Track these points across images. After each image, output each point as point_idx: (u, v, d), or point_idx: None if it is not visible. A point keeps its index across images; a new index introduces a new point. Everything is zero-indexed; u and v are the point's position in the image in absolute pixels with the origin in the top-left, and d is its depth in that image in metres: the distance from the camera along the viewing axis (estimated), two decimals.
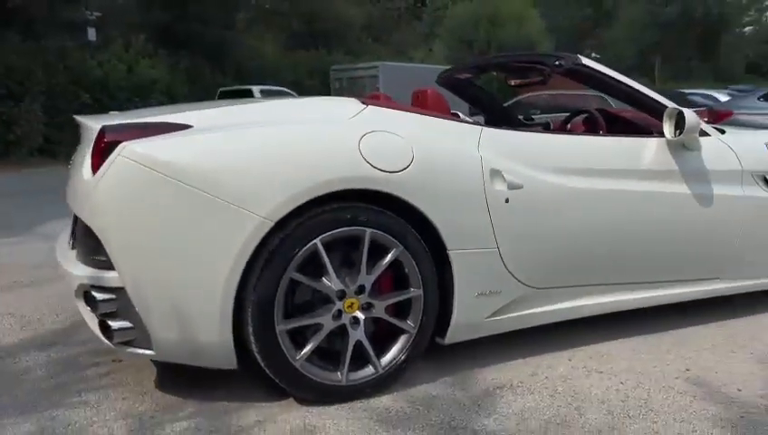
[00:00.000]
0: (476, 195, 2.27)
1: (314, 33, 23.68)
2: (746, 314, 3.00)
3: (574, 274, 2.50)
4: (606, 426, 2.00)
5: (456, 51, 27.59)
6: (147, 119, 2.14)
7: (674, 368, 2.42)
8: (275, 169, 2.02)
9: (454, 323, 2.30)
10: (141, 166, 1.95)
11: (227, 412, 2.10)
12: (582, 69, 2.72)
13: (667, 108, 2.64)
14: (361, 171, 2.08)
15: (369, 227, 2.12)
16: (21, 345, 2.72)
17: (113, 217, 1.97)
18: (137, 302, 1.98)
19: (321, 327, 2.12)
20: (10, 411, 2.12)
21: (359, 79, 19.89)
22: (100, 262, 2.04)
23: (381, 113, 2.30)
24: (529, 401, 2.17)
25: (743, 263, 2.85)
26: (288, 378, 2.09)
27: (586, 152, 2.54)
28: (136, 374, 2.40)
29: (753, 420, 2.02)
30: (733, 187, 2.75)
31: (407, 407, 2.14)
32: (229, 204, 1.96)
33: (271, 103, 2.42)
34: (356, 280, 2.14)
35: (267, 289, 2.01)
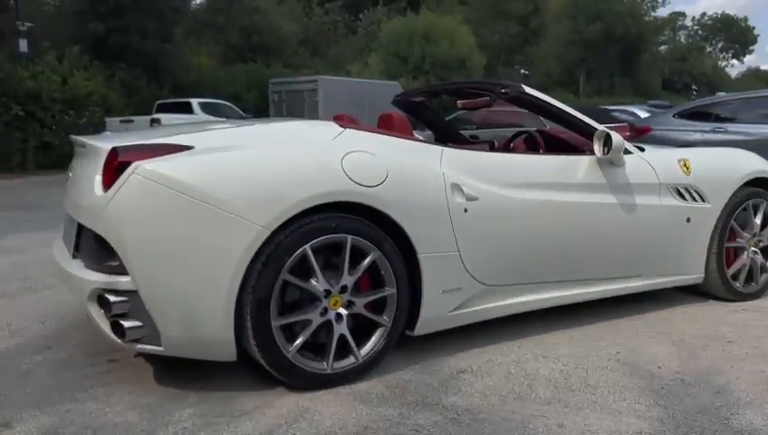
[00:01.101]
0: (440, 206, 2.63)
1: (252, 46, 23.77)
2: (662, 307, 3.48)
3: (522, 273, 2.90)
4: (553, 398, 2.38)
5: (392, 65, 28.23)
6: (152, 140, 2.41)
7: (606, 352, 2.85)
8: (271, 184, 2.32)
9: (422, 317, 2.66)
10: (153, 182, 2.22)
11: (227, 400, 2.37)
12: (524, 96, 3.14)
13: (597, 130, 3.09)
14: (345, 186, 2.41)
15: (351, 234, 2.45)
16: (16, 350, 2.90)
17: (128, 228, 2.23)
18: (149, 303, 2.23)
19: (310, 323, 2.43)
20: (26, 406, 2.33)
21: (298, 93, 20.09)
22: (113, 268, 2.29)
23: (358, 135, 2.64)
24: (488, 382, 2.54)
25: (660, 262, 3.33)
26: (282, 368, 2.39)
27: (531, 168, 2.95)
28: (134, 372, 2.64)
29: (672, 390, 2.45)
30: (652, 197, 3.22)
31: (384, 390, 2.47)
32: (232, 215, 2.25)
33: (260, 127, 2.72)
34: (339, 281, 2.46)
35: (264, 290, 2.31)
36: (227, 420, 2.23)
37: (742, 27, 58.81)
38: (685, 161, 3.37)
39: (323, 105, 19.75)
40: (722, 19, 59.34)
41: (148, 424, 2.20)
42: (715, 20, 59.37)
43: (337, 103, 20.23)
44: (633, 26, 38.86)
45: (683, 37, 57.64)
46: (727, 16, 59.49)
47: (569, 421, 2.20)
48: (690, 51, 51.97)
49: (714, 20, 59.36)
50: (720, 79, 52.78)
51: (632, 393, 2.42)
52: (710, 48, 58.19)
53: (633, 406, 2.32)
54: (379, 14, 39.92)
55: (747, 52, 60.61)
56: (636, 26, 39.14)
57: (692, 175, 3.35)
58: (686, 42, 56.30)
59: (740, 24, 58.88)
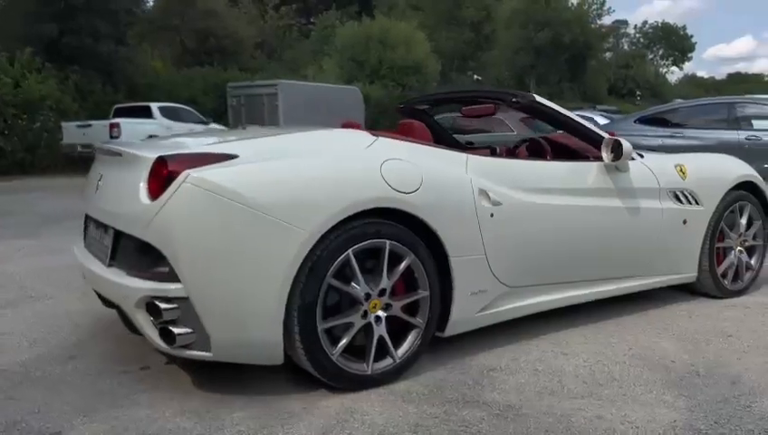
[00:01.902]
0: (469, 211, 2.74)
1: (208, 49, 23.49)
2: (659, 305, 3.67)
3: (541, 274, 3.04)
4: (585, 392, 2.52)
5: (349, 69, 28.32)
6: (197, 149, 2.44)
7: (619, 348, 3.00)
8: (318, 191, 2.39)
9: (452, 318, 2.76)
10: (204, 191, 2.26)
11: (273, 403, 2.42)
12: (536, 105, 3.29)
13: (605, 138, 3.25)
14: (385, 193, 2.50)
15: (389, 239, 2.53)
16: (40, 360, 2.87)
17: (180, 236, 2.26)
18: (201, 309, 2.27)
19: (352, 325, 2.50)
20: (71, 414, 2.33)
21: (257, 97, 19.93)
22: (162, 275, 2.31)
23: (390, 144, 2.73)
24: (519, 379, 2.65)
25: (660, 262, 3.52)
26: (326, 370, 2.45)
27: (548, 174, 3.09)
28: (170, 379, 2.66)
29: (690, 382, 2.61)
30: (654, 201, 3.41)
31: (423, 389, 2.56)
32: (281, 221, 2.30)
33: (296, 136, 2.77)
34: (378, 284, 2.54)
35: (311, 294, 2.37)
36: (280, 421, 2.28)
37: (680, 35, 61.09)
38: (681, 166, 3.58)
39: (284, 110, 19.68)
40: (662, 28, 61.51)
41: (202, 429, 2.23)
42: (655, 28, 61.50)
43: (297, 108, 20.21)
44: (580, 34, 39.90)
45: (626, 45, 59.49)
46: (667, 25, 61.73)
47: (606, 413, 2.33)
48: (633, 58, 53.66)
49: (654, 28, 61.48)
50: (661, 85, 54.65)
51: (656, 386, 2.57)
52: (651, 55, 60.23)
53: (661, 398, 2.47)
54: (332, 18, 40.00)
55: (686, 59, 63.01)
56: (583, 34, 40.19)
57: (688, 179, 3.56)
58: (629, 49, 58.13)
59: (679, 32, 61.16)
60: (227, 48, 23.94)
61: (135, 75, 18.69)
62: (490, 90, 4.07)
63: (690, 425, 2.24)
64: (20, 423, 2.26)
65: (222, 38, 23.71)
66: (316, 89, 21.79)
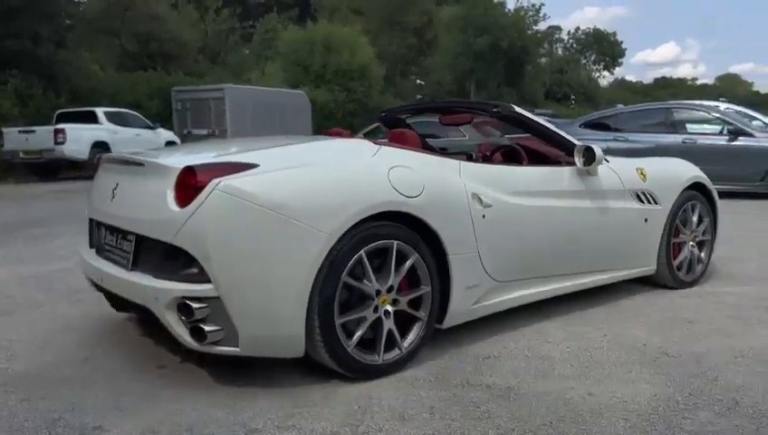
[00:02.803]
0: (465, 213, 3.00)
1: (150, 53, 23.13)
2: (623, 297, 4.03)
3: (525, 270, 3.33)
4: (574, 374, 2.81)
5: (293, 74, 28.34)
6: (220, 159, 2.61)
7: (595, 335, 3.32)
8: (335, 196, 2.60)
9: (450, 311, 3.01)
10: (233, 197, 2.44)
11: (293, 394, 2.61)
12: (513, 114, 3.58)
13: (577, 145, 3.58)
14: (394, 197, 2.73)
15: (396, 240, 2.76)
16: (55, 362, 2.96)
17: (211, 240, 2.42)
18: (230, 308, 2.44)
19: (365, 319, 2.72)
20: (105, 410, 2.45)
21: (203, 101, 19.78)
22: (192, 276, 2.48)
23: (392, 151, 2.96)
24: (513, 364, 2.93)
25: (626, 257, 3.88)
26: (343, 361, 2.66)
27: (529, 179, 3.39)
28: (188, 376, 2.80)
29: (662, 362, 2.94)
30: (620, 202, 3.76)
31: (428, 376, 2.80)
32: (304, 225, 2.50)
33: (307, 145, 2.97)
34: (387, 281, 2.77)
35: (329, 291, 2.58)
36: (305, 409, 2.47)
37: (611, 41, 63.58)
38: (641, 170, 3.95)
39: (231, 114, 19.62)
40: (594, 34, 63.87)
41: (234, 418, 2.40)
42: (587, 34, 63.82)
43: (244, 112, 20.18)
44: (518, 39, 41.07)
45: (560, 50, 61.49)
46: (598, 31, 64.16)
47: (596, 391, 2.62)
48: (567, 63, 55.56)
49: (587, 34, 63.80)
50: (594, 89, 56.70)
51: (634, 366, 2.89)
52: (584, 60, 62.45)
53: (640, 376, 2.78)
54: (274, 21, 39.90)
55: (617, 64, 65.60)
56: (520, 39, 41.38)
57: (647, 181, 3.93)
58: (563, 54, 60.11)
59: (610, 38, 63.66)
60: (170, 52, 23.65)
61: (77, 79, 18.26)
62: (471, 101, 4.36)
63: (669, 397, 2.55)
64: (59, 421, 2.38)
65: (165, 42, 23.40)
66: (263, 93, 21.78)
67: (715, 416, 2.39)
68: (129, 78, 20.95)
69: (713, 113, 10.08)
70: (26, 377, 2.80)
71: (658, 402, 2.51)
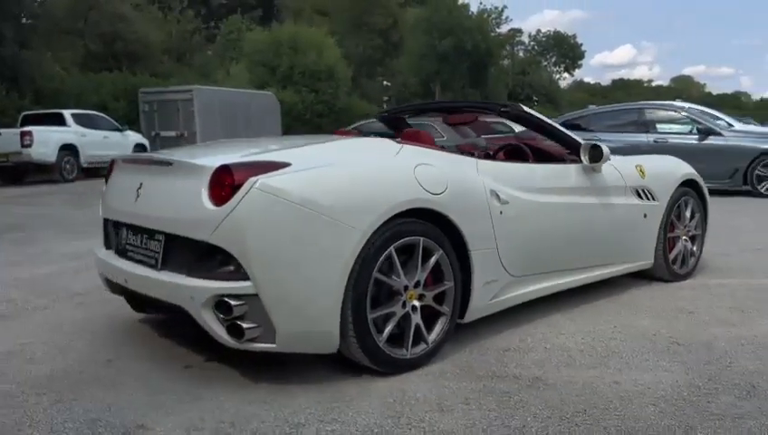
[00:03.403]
0: (484, 209, 3.08)
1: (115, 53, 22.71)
2: (623, 290, 4.16)
3: (538, 265, 3.42)
4: (594, 363, 2.91)
5: (260, 75, 28.18)
6: (253, 158, 2.63)
7: (606, 327, 3.43)
8: (367, 194, 2.65)
9: (471, 306, 3.08)
10: (271, 196, 2.47)
11: (328, 389, 2.64)
12: (522, 114, 3.68)
13: (583, 144, 3.69)
14: (421, 195, 2.79)
15: (422, 236, 2.82)
16: (81, 364, 2.94)
17: (250, 238, 2.44)
18: (269, 305, 2.46)
19: (394, 314, 2.77)
20: (145, 409, 2.45)
21: (171, 102, 19.52)
22: (230, 274, 2.50)
23: (414, 150, 3.02)
24: (534, 356, 3.01)
25: (627, 251, 4.01)
26: (375, 356, 2.70)
27: (541, 175, 3.48)
28: (218, 374, 2.81)
29: (675, 350, 3.06)
30: (622, 198, 3.89)
31: (455, 369, 2.86)
32: (339, 222, 2.54)
33: (331, 145, 3.01)
34: (414, 277, 2.82)
35: (362, 286, 2.62)
36: (343, 403, 2.51)
37: (571, 44, 64.79)
38: (640, 167, 4.09)
39: (200, 116, 19.42)
40: (554, 36, 65.04)
41: (275, 413, 2.43)
42: (548, 37, 64.95)
43: (213, 114, 20.00)
44: (481, 41, 41.55)
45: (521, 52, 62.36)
46: (559, 33, 65.34)
47: (619, 379, 2.73)
48: (529, 65, 56.41)
49: (547, 37, 64.92)
50: (555, 90, 57.72)
51: (649, 355, 3.00)
52: (545, 62, 63.49)
53: (657, 364, 2.89)
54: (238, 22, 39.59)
55: (577, 66, 66.85)
56: (484, 42, 41.87)
57: (646, 178, 4.07)
58: (525, 56, 60.96)
59: (570, 40, 64.85)
60: (135, 52, 23.28)
61: (41, 80, 17.84)
62: (480, 101, 4.44)
63: (690, 383, 2.67)
64: (99, 421, 2.37)
65: (130, 42, 23.01)
66: (232, 94, 21.62)
67: (737, 399, 2.51)
68: (94, 79, 20.56)
69: (683, 113, 10.39)
70: (52, 379, 2.77)
71: (681, 388, 2.62)
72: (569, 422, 2.34)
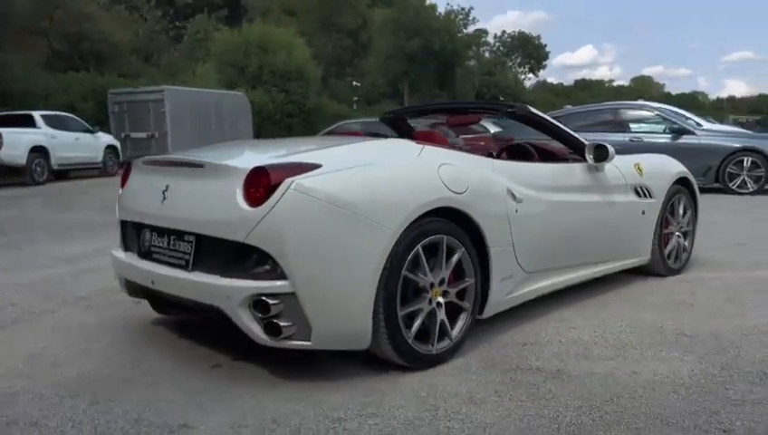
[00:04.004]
0: (501, 207, 3.17)
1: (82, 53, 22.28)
2: (622, 285, 4.30)
3: (549, 261, 3.53)
4: (611, 355, 3.02)
5: (229, 75, 27.96)
6: (286, 159, 2.67)
7: (614, 321, 3.55)
8: (397, 193, 2.72)
9: (489, 301, 3.17)
10: (308, 196, 2.52)
11: (359, 386, 2.69)
12: (529, 114, 3.79)
13: (587, 144, 3.82)
14: (445, 194, 2.87)
15: (446, 235, 2.90)
16: (107, 366, 2.94)
17: (288, 237, 2.49)
18: (305, 303, 2.51)
19: (421, 311, 2.84)
20: (185, 408, 2.48)
21: (141, 103, 19.35)
22: (264, 274, 2.54)
23: (435, 151, 3.10)
24: (552, 348, 3.11)
25: (627, 247, 4.15)
26: (404, 352, 2.77)
27: (550, 174, 3.59)
28: (248, 374, 2.83)
29: (684, 341, 3.19)
30: (623, 195, 4.03)
31: (478, 363, 2.94)
32: (372, 221, 2.61)
33: (356, 146, 3.06)
34: (439, 274, 2.90)
35: (392, 284, 2.69)
36: (378, 398, 2.57)
37: (536, 44, 65.76)
38: (638, 165, 4.23)
39: (171, 116, 19.27)
40: (519, 37, 65.91)
41: (315, 409, 2.47)
42: (513, 37, 65.77)
43: (185, 114, 19.85)
44: (449, 42, 41.90)
45: (487, 53, 63.03)
46: (523, 34, 66.26)
47: (638, 369, 2.84)
48: (495, 65, 57.02)
49: (512, 37, 65.74)
50: (521, 91, 58.45)
51: (661, 346, 3.13)
52: (510, 63, 64.27)
53: (670, 354, 3.02)
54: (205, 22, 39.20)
55: (541, 67, 67.82)
56: (451, 42, 42.23)
57: (644, 176, 4.22)
58: (491, 57, 61.63)
59: (534, 41, 65.79)
60: (102, 52, 22.88)
61: (7, 81, 17.43)
62: (486, 102, 4.55)
63: (705, 372, 2.80)
64: (141, 420, 2.39)
65: (96, 42, 22.60)
66: (203, 94, 21.49)
67: (752, 386, 2.64)
68: (62, 79, 20.15)
69: (655, 113, 10.68)
70: (83, 381, 2.77)
71: (698, 377, 2.74)
72: (599, 410, 2.44)
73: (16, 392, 2.65)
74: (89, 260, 5.47)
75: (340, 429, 2.33)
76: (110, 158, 16.66)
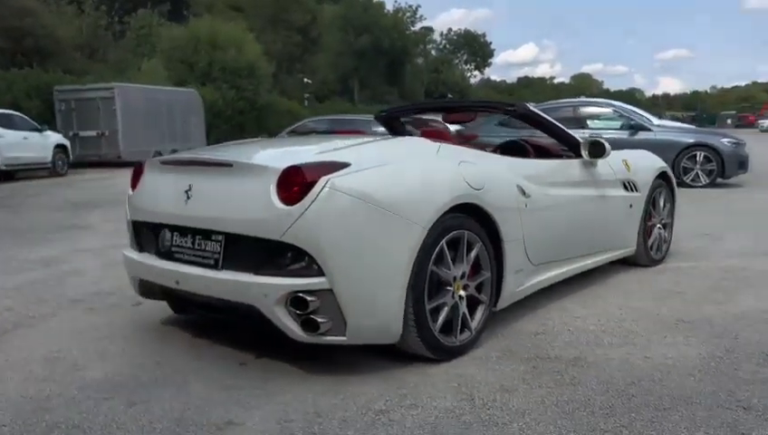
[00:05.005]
0: (513, 203, 3.28)
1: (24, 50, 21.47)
2: (610, 276, 4.49)
3: (553, 253, 3.66)
4: (621, 342, 3.17)
5: (178, 71, 27.42)
6: (317, 158, 2.71)
7: (612, 310, 3.71)
8: (424, 190, 2.79)
9: (503, 294, 3.28)
10: (343, 194, 2.56)
11: (389, 379, 2.74)
12: (529, 113, 3.92)
13: (583, 140, 3.97)
14: (467, 190, 2.96)
15: (467, 230, 2.99)
16: (130, 368, 2.90)
17: (325, 235, 2.53)
18: (342, 299, 2.56)
19: (446, 304, 2.93)
20: (228, 405, 2.49)
21: (90, 101, 18.83)
22: (300, 271, 2.58)
23: (452, 149, 3.19)
24: (564, 337, 3.25)
25: (617, 239, 4.34)
26: (431, 344, 2.85)
27: (553, 170, 3.73)
28: (277, 371, 2.84)
29: (684, 327, 3.38)
30: (614, 189, 4.21)
31: (498, 353, 3.05)
32: (403, 217, 2.67)
33: (379, 144, 3.12)
34: (460, 268, 2.99)
35: (420, 279, 2.76)
36: (412, 390, 2.64)
37: (481, 42, 66.78)
38: (625, 161, 4.42)
39: (122, 114, 18.82)
40: (464, 35, 66.76)
41: (355, 402, 2.52)
42: (459, 35, 66.57)
43: (136, 112, 19.42)
44: (398, 40, 42.20)
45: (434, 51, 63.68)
46: (469, 32, 67.14)
47: (650, 354, 3.00)
48: (442, 63, 57.65)
49: (458, 35, 66.54)
50: (467, 88, 59.33)
51: (664, 332, 3.30)
52: (457, 60, 65.12)
53: (675, 339, 3.20)
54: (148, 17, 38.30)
55: (487, 64, 68.95)
56: (400, 40, 42.55)
57: (631, 171, 4.41)
58: (437, 55, 62.30)
59: (479, 39, 66.79)
60: (46, 48, 22.08)
61: None
62: (487, 100, 4.67)
63: (712, 355, 2.98)
64: (184, 419, 2.39)
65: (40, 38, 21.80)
66: (154, 92, 21.05)
67: (758, 366, 2.83)
68: (5, 76, 19.37)
69: (613, 109, 11.06)
70: (111, 383, 2.74)
71: (707, 359, 2.92)
72: (625, 393, 2.58)
73: (48, 397, 2.60)
74: (67, 262, 5.35)
75: (386, 420, 2.39)
76: (60, 157, 16.14)
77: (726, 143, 10.53)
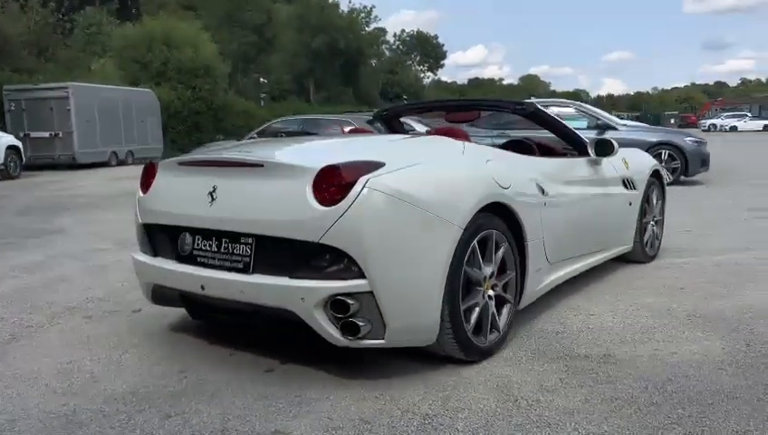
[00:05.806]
0: (535, 202, 3.28)
1: None
2: (609, 274, 4.54)
3: (566, 251, 3.68)
4: (643, 339, 3.19)
5: (132, 71, 26.75)
6: (352, 158, 2.64)
7: (624, 306, 3.74)
8: (459, 190, 2.76)
9: (526, 292, 3.27)
10: (383, 194, 2.51)
11: (427, 381, 2.70)
12: (536, 111, 3.93)
13: (590, 139, 4.00)
14: (496, 189, 2.94)
15: (495, 229, 2.97)
16: (153, 378, 2.78)
17: (366, 236, 2.46)
18: (383, 301, 2.50)
19: (478, 305, 2.90)
20: (270, 414, 2.40)
21: (43, 101, 18.19)
22: (339, 274, 2.51)
23: (476, 148, 3.16)
24: (582, 335, 3.26)
25: (619, 236, 4.39)
26: (464, 345, 2.81)
27: (565, 169, 3.75)
28: (307, 378, 2.76)
29: (697, 321, 3.43)
30: (616, 187, 4.26)
31: (526, 353, 3.03)
32: (441, 217, 2.63)
33: (405, 143, 3.06)
34: (489, 268, 2.96)
35: (455, 279, 2.73)
36: (451, 393, 2.60)
37: (434, 44, 67.24)
38: (624, 159, 4.48)
39: (77, 115, 18.24)
40: (417, 36, 67.13)
41: (398, 406, 2.47)
42: (412, 36, 66.91)
43: (91, 112, 18.87)
44: (353, 40, 42.10)
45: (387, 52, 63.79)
46: (421, 34, 67.53)
47: (676, 350, 3.03)
48: (397, 64, 57.82)
49: (411, 36, 66.86)
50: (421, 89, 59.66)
51: (681, 328, 3.35)
52: (410, 62, 65.41)
53: (693, 335, 3.24)
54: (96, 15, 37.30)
55: (440, 66, 69.46)
56: (355, 40, 42.45)
57: (629, 169, 4.47)
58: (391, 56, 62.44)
59: (432, 41, 67.25)
60: None
61: None
62: (496, 99, 4.65)
63: (735, 348, 3.03)
64: (228, 430, 2.29)
65: None
66: (110, 91, 20.50)
67: None
68: None
69: (577, 108, 11.25)
70: (139, 396, 2.61)
71: (732, 353, 2.97)
72: (663, 390, 2.59)
73: (74, 411, 2.46)
74: (50, 269, 5.12)
75: (435, 424, 2.35)
76: (13, 159, 15.50)
77: (690, 142, 10.84)
